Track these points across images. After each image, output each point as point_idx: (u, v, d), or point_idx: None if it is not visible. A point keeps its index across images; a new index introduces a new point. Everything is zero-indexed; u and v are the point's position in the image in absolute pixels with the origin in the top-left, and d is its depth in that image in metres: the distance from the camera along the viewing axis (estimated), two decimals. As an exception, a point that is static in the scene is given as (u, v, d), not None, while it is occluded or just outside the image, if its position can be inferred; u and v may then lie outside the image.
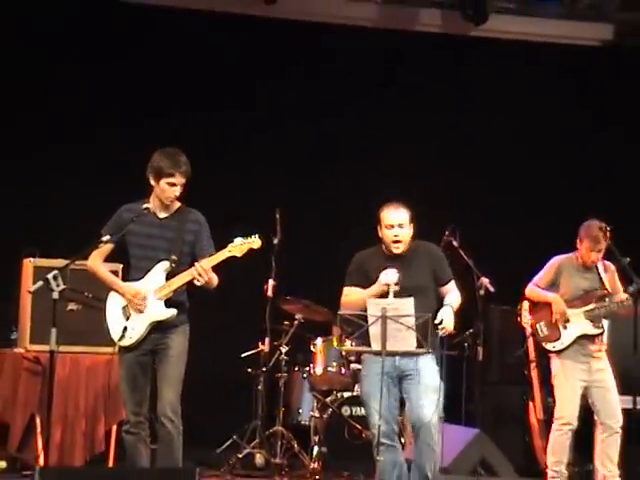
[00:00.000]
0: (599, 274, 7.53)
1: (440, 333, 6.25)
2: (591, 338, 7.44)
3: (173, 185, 6.14)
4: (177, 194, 6.19)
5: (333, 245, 9.04)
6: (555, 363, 7.53)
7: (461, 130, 9.62)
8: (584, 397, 7.45)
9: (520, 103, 9.60)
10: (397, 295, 6.19)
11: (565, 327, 7.46)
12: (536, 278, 7.63)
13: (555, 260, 7.62)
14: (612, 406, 7.41)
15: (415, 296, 6.17)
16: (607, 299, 7.48)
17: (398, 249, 6.38)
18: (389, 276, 6.26)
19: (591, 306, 7.46)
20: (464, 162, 9.58)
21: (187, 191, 6.24)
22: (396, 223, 6.37)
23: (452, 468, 7.03)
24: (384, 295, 6.22)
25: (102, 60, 8.92)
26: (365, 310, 6.19)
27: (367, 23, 9.61)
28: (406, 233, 6.40)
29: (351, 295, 6.43)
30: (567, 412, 7.40)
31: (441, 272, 6.51)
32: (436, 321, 6.18)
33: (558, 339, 7.49)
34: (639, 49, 9.73)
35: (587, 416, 7.49)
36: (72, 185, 8.64)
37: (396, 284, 6.22)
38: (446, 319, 6.24)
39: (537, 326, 7.62)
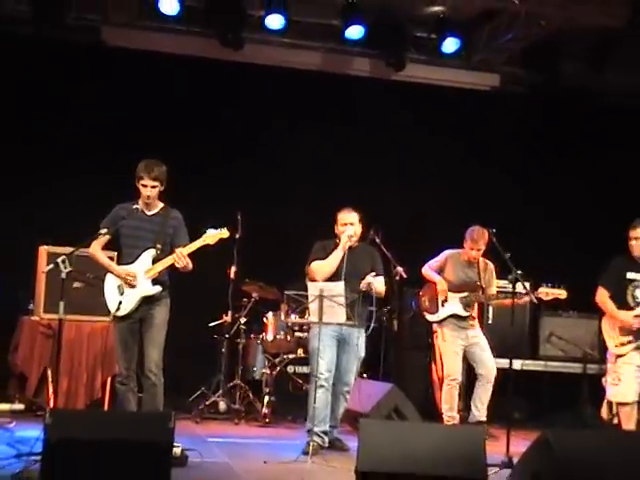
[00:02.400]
0: (478, 270, 7.63)
1: (367, 281, 6.54)
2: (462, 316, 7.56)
3: (145, 186, 6.12)
4: (149, 194, 6.12)
5: (282, 240, 9.04)
6: (439, 333, 7.64)
7: (385, 149, 9.69)
8: (465, 358, 7.58)
9: (429, 130, 9.67)
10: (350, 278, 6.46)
11: (443, 305, 7.59)
12: (431, 262, 7.77)
13: (446, 253, 7.76)
14: (486, 361, 7.53)
15: (360, 280, 6.53)
16: (479, 291, 7.59)
17: (353, 242, 6.65)
18: (349, 230, 6.63)
19: (465, 294, 7.58)
20: (389, 175, 9.62)
21: (172, 195, 6.26)
22: (349, 222, 6.69)
23: (371, 414, 7.08)
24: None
25: (105, 94, 8.86)
26: (335, 267, 6.55)
27: (312, 67, 9.63)
28: (357, 230, 6.72)
29: (321, 263, 6.64)
30: (452, 370, 7.52)
31: (377, 268, 6.80)
32: (372, 273, 6.58)
33: (435, 312, 7.64)
34: (517, 94, 9.94)
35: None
36: (77, 189, 8.53)
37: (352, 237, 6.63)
38: (370, 279, 6.57)
39: (422, 298, 7.78)
